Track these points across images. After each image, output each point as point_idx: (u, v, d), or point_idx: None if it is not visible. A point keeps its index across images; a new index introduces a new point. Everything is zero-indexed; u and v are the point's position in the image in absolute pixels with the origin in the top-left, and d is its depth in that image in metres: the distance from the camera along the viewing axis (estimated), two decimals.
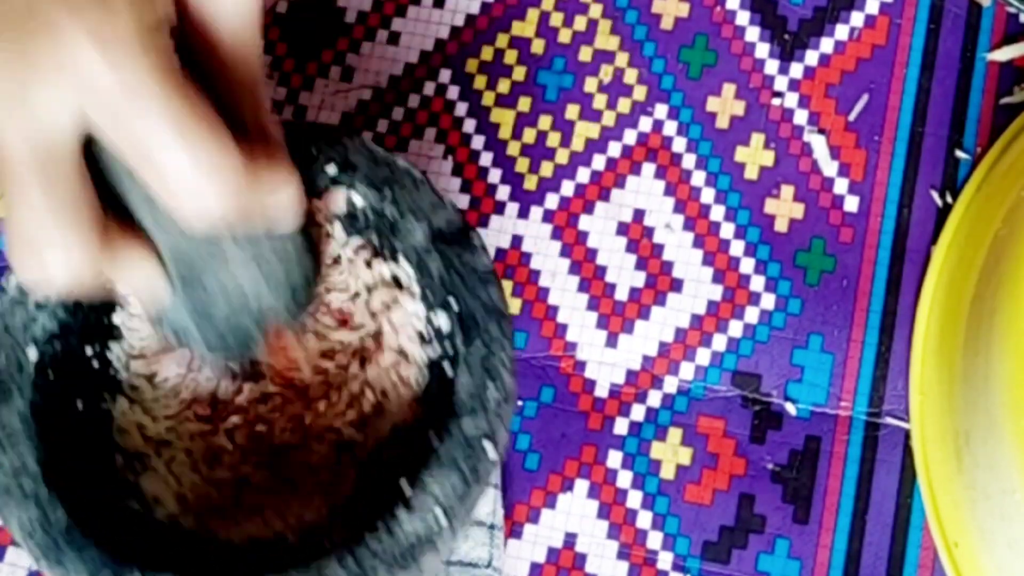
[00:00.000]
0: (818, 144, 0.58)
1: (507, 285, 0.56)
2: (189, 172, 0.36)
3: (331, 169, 0.46)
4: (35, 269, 0.37)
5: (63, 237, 0.36)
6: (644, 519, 0.53)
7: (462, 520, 0.42)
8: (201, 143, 0.36)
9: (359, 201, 0.47)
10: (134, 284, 0.41)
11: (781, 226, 0.57)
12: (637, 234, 0.57)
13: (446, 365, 0.46)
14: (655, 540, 0.53)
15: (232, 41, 0.39)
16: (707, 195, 0.57)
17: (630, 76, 0.59)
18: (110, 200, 0.38)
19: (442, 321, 0.46)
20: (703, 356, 0.55)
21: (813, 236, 0.57)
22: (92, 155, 0.37)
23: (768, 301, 0.56)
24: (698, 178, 0.58)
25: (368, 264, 0.48)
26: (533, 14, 0.60)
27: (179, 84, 0.35)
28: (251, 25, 0.39)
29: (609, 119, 0.59)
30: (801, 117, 0.58)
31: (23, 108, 0.35)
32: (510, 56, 0.60)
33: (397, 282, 0.48)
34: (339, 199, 0.47)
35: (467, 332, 0.44)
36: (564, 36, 0.60)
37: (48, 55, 0.34)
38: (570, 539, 0.53)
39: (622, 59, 0.59)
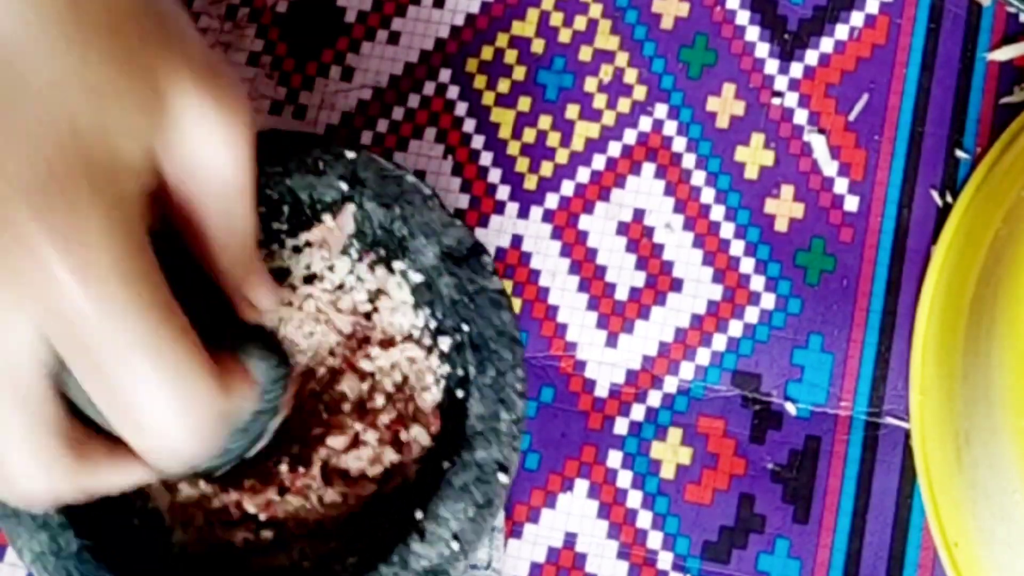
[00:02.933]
0: (818, 144, 0.58)
1: (507, 285, 0.56)
2: (159, 416, 0.33)
3: (339, 184, 0.46)
4: (3, 485, 0.35)
5: (30, 457, 0.34)
6: (644, 519, 0.53)
7: (474, 547, 0.42)
8: (173, 383, 0.33)
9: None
10: (123, 487, 0.38)
11: (781, 226, 0.57)
12: (637, 234, 0.57)
13: (453, 383, 0.46)
14: (655, 540, 0.53)
15: (220, 214, 0.38)
16: (707, 195, 0.57)
17: (630, 76, 0.59)
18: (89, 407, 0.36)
19: (451, 340, 0.46)
20: (703, 356, 0.55)
21: (813, 236, 0.57)
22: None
23: (768, 301, 0.56)
24: (698, 178, 0.58)
25: (372, 268, 0.48)
26: (533, 14, 0.60)
27: (155, 304, 0.33)
28: (240, 200, 0.38)
29: (609, 119, 0.59)
30: (801, 117, 0.58)
31: None
32: (510, 56, 0.60)
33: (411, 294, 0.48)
34: (348, 219, 0.47)
35: (480, 358, 0.44)
36: (564, 36, 0.60)
37: (10, 270, 0.31)
38: (570, 539, 0.53)
39: (622, 59, 0.59)
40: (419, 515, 0.43)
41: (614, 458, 0.54)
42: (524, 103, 0.59)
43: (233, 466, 0.42)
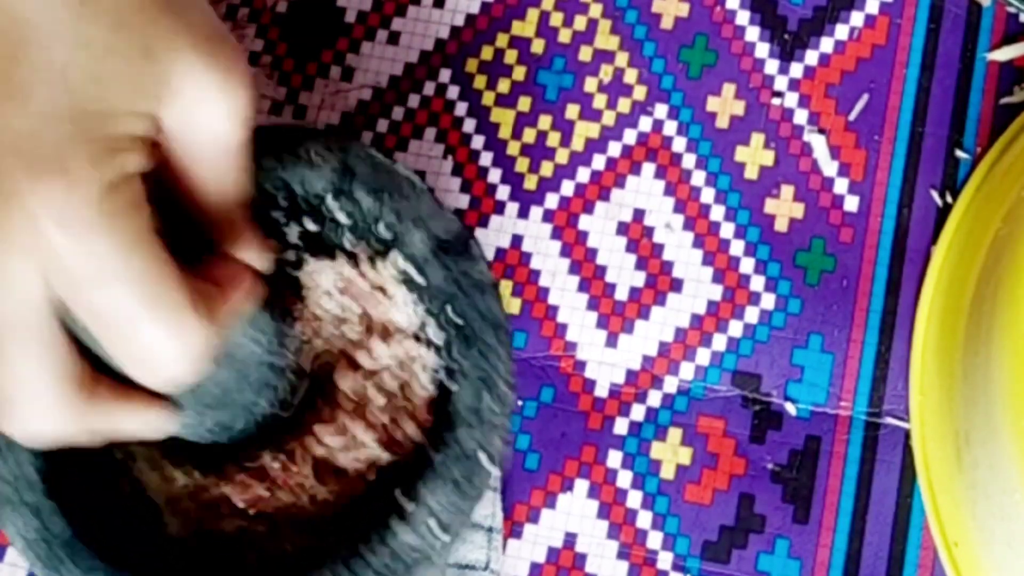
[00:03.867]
0: (818, 144, 0.58)
1: (507, 285, 0.56)
2: (152, 347, 0.37)
3: (331, 175, 0.46)
4: (16, 425, 0.37)
5: (41, 395, 0.37)
6: (644, 519, 0.53)
7: (458, 532, 0.42)
8: (163, 317, 0.36)
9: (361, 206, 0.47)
10: (133, 432, 0.41)
11: (781, 226, 0.57)
12: (637, 234, 0.57)
13: (444, 375, 0.46)
14: (655, 540, 0.53)
15: (214, 173, 0.40)
16: (707, 195, 0.57)
17: (630, 76, 0.59)
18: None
19: (441, 330, 0.46)
20: (703, 356, 0.55)
21: (813, 236, 0.57)
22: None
23: (768, 301, 0.56)
24: (698, 178, 0.58)
25: (372, 263, 0.48)
26: (533, 14, 0.60)
27: (143, 251, 0.36)
28: (233, 161, 0.40)
29: (609, 119, 0.59)
30: (801, 117, 0.58)
31: None
32: (510, 56, 0.60)
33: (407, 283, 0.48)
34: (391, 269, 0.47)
35: (465, 343, 0.44)
36: (564, 36, 0.60)
37: (9, 229, 0.34)
38: (570, 539, 0.53)
39: (622, 59, 0.59)
40: (402, 499, 0.43)
41: (614, 458, 0.54)
42: (524, 103, 0.59)
43: (259, 433, 0.44)
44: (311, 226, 0.48)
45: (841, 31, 0.59)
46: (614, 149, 0.58)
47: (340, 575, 0.41)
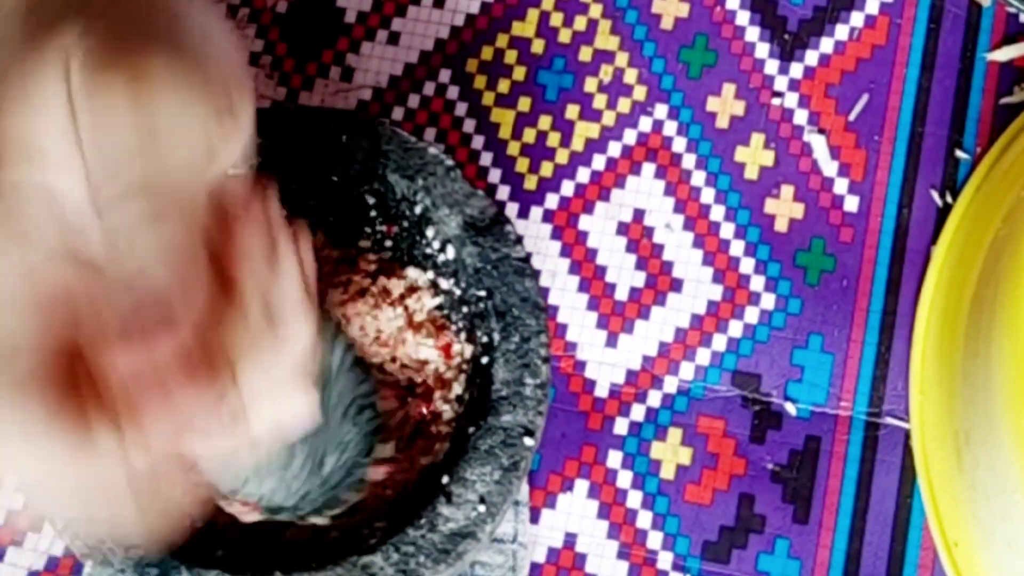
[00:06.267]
0: (818, 144, 0.58)
1: None
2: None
3: (361, 157, 0.46)
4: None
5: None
6: (644, 519, 0.53)
7: (501, 510, 0.43)
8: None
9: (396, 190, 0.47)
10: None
11: (781, 226, 0.57)
12: (637, 234, 0.57)
13: (480, 353, 0.46)
14: (655, 540, 0.53)
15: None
16: (707, 195, 0.57)
17: (630, 76, 0.59)
18: None
19: (477, 310, 0.46)
20: (703, 356, 0.55)
21: (813, 236, 0.57)
22: None
23: (768, 301, 0.56)
24: (698, 178, 0.58)
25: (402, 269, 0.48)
26: (533, 14, 0.60)
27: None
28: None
29: (609, 119, 0.59)
30: (801, 117, 0.58)
31: None
32: (510, 56, 0.60)
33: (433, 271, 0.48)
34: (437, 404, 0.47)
35: (504, 324, 0.44)
36: (564, 36, 0.60)
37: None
38: (570, 539, 0.53)
39: (622, 59, 0.59)
40: (445, 479, 0.43)
41: (614, 458, 0.54)
42: (524, 103, 0.59)
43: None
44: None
45: (841, 31, 0.59)
46: (614, 149, 0.58)
47: (390, 556, 0.42)
